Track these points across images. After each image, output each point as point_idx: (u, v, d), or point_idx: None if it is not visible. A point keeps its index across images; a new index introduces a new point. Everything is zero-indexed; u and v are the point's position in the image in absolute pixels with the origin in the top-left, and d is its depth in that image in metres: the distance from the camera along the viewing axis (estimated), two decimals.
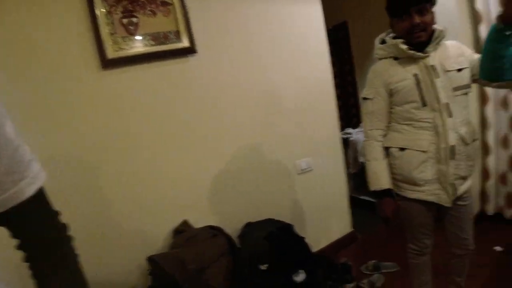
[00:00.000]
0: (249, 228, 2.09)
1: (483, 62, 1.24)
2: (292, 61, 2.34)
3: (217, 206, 2.12)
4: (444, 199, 1.47)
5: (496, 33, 1.11)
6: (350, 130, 3.55)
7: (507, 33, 1.08)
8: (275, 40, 2.27)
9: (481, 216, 2.76)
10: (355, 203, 2.92)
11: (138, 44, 1.85)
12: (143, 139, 1.87)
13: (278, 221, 2.13)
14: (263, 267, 1.85)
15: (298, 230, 2.15)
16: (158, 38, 1.89)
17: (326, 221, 2.58)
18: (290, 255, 1.93)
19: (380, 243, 2.64)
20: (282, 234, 2.02)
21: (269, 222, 2.13)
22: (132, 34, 1.83)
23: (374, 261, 2.38)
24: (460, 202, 1.55)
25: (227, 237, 1.93)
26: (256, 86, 2.22)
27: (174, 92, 1.96)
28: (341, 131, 3.36)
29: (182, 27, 1.94)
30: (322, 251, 2.52)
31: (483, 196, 2.74)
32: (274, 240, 1.93)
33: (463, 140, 1.42)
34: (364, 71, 1.64)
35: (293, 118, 2.37)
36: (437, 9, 1.44)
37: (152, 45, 1.88)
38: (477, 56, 1.48)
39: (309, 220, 2.47)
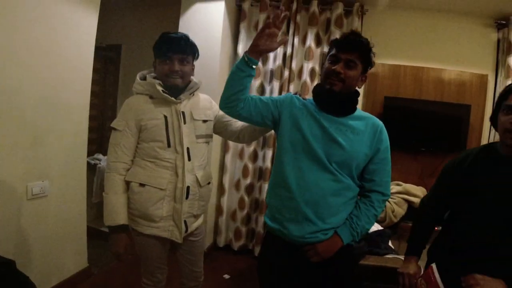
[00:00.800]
0: None
1: (225, 89, 1.35)
2: (46, 64, 2.00)
3: None
4: (176, 235, 1.56)
5: (242, 59, 1.28)
6: (100, 156, 3.35)
7: (249, 63, 1.27)
8: (34, 36, 1.90)
9: (213, 248, 3.15)
10: (93, 234, 2.72)
11: None
12: None
13: None
14: None
15: (24, 266, 1.79)
16: None
17: (59, 255, 2.26)
18: None
19: (117, 278, 2.54)
20: (1, 272, 1.62)
21: None
22: None
23: None
24: (191, 238, 1.69)
25: None
26: None
27: None
28: (90, 156, 3.15)
29: None
30: None
31: (216, 229, 3.15)
32: None
33: (198, 182, 1.59)
34: (126, 99, 1.61)
35: (32, 131, 1.98)
36: (204, 50, 1.60)
37: None
38: (222, 113, 1.73)
39: (39, 255, 2.09)
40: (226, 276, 2.72)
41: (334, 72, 1.28)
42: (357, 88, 1.37)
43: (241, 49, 2.94)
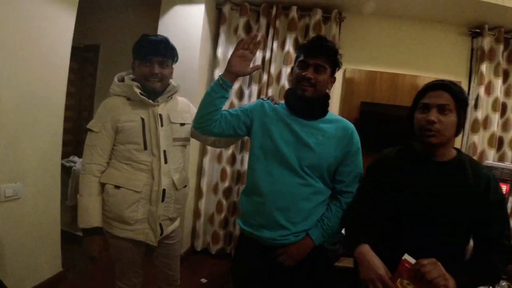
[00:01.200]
0: None
1: (199, 109, 1.38)
2: (21, 64, 1.95)
3: None
4: (151, 238, 1.55)
5: (217, 81, 1.32)
6: (75, 158, 3.26)
7: (223, 85, 1.31)
8: (8, 35, 1.85)
9: (191, 251, 3.13)
10: (67, 239, 2.65)
11: None
12: None
13: None
14: None
15: None
16: None
17: (33, 259, 2.19)
18: None
19: (91, 282, 2.49)
20: None
21: None
22: None
23: None
24: (167, 241, 1.68)
25: None
26: None
27: None
28: (65, 158, 3.06)
29: None
30: None
31: (194, 233, 3.13)
32: None
33: (174, 185, 1.58)
34: (103, 100, 1.59)
35: (5, 132, 1.92)
36: (183, 52, 1.60)
37: None
38: None
39: (12, 258, 2.03)
40: (204, 280, 2.70)
41: (304, 78, 1.31)
42: (327, 90, 1.41)
43: (221, 52, 2.95)
